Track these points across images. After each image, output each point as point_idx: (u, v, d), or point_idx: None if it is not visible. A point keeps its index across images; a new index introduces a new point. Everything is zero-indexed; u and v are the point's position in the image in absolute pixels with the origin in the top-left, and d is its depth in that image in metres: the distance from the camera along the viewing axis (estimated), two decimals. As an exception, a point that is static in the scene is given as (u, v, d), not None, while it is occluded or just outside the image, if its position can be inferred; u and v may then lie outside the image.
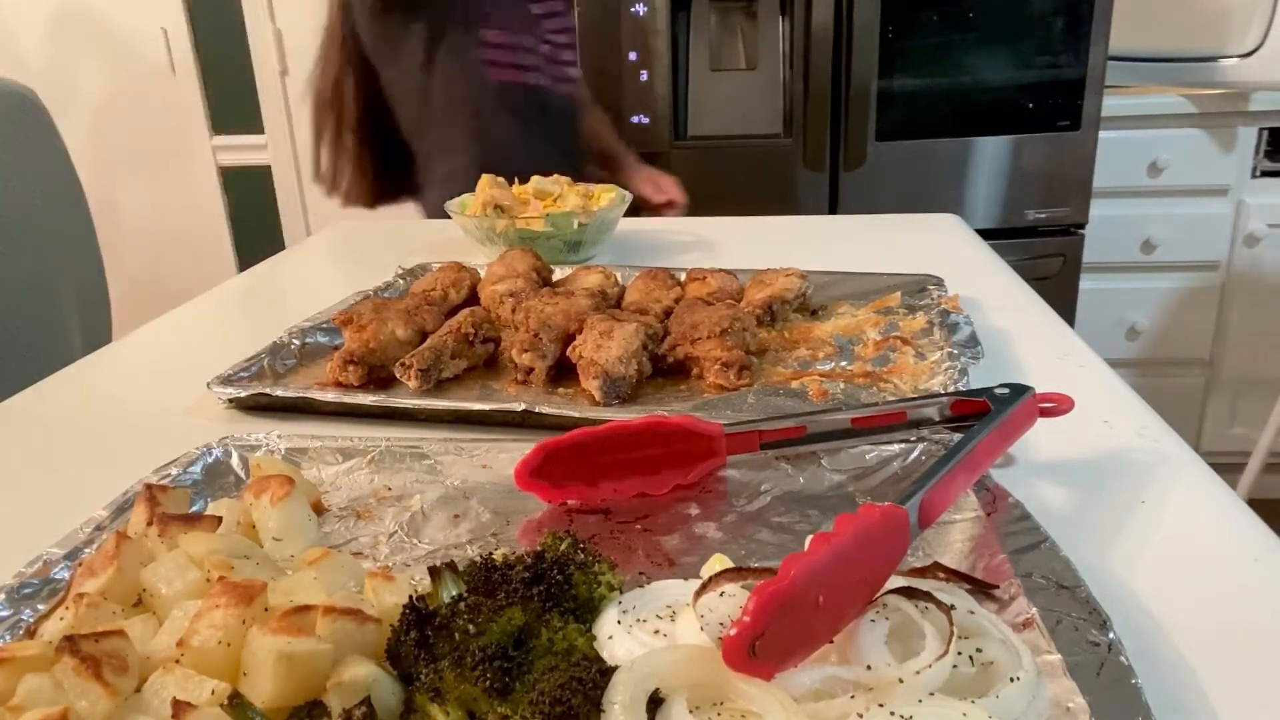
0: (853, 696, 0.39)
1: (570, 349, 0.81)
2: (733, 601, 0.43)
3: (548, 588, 0.44)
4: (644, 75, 2.01)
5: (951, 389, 0.74)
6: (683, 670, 0.40)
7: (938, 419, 0.66)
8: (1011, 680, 0.40)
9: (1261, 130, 2.27)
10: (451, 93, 1.57)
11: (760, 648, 0.39)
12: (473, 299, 1.01)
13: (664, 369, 0.83)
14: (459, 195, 1.30)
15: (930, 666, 0.40)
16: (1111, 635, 0.43)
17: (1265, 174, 2.31)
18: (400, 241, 1.37)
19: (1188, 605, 0.50)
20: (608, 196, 1.30)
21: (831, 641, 0.42)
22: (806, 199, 2.08)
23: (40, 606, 0.50)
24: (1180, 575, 0.53)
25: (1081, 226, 2.11)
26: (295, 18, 2.47)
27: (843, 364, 0.84)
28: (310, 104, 1.64)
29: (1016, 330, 0.92)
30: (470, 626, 0.41)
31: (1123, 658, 0.41)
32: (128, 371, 0.96)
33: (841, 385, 0.78)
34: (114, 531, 0.51)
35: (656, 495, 0.62)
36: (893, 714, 0.38)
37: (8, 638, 0.48)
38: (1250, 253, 2.35)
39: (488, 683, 0.39)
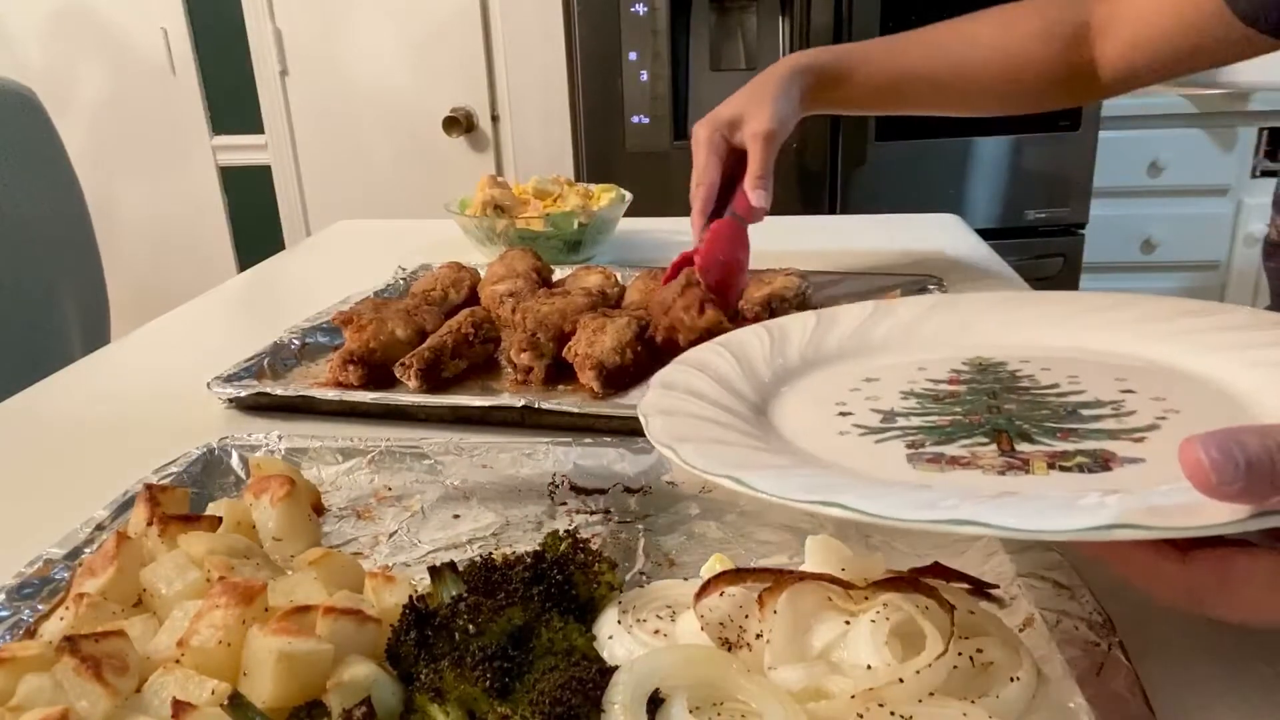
0: (853, 696, 0.39)
1: (565, 349, 0.81)
2: (733, 602, 0.43)
3: (548, 588, 0.44)
4: (644, 75, 2.01)
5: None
6: (683, 670, 0.40)
7: None
8: (1011, 680, 0.40)
9: (1261, 130, 2.27)
10: None
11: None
12: (473, 299, 1.01)
13: (662, 357, 0.83)
14: None
15: (930, 666, 0.40)
16: (1112, 635, 0.43)
17: (1265, 174, 2.31)
18: (400, 241, 1.37)
19: (1188, 605, 0.50)
20: (608, 196, 1.30)
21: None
22: (806, 199, 2.08)
23: (40, 606, 0.50)
24: (1180, 575, 0.53)
25: (1081, 226, 2.11)
26: (295, 17, 2.46)
27: (843, 364, 0.84)
28: None
29: (1016, 330, 0.91)
30: (470, 626, 0.41)
31: (1123, 658, 0.41)
32: (128, 371, 0.96)
33: (841, 385, 0.78)
34: (114, 531, 0.51)
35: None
36: (893, 714, 0.38)
37: (8, 638, 0.48)
38: (1250, 253, 2.35)
39: (488, 683, 0.39)
